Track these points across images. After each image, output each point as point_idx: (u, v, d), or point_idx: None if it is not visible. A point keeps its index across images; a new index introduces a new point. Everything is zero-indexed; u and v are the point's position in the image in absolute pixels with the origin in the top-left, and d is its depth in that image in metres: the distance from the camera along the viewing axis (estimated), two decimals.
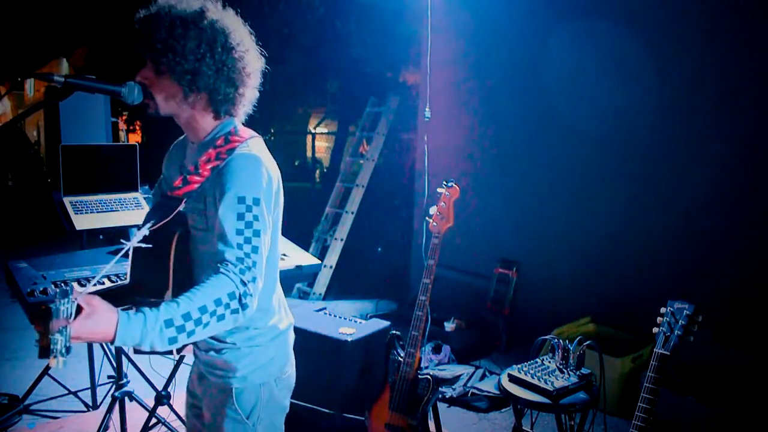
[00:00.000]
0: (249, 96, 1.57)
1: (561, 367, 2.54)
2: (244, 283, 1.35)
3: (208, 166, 1.47)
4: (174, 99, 1.48)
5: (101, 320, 1.21)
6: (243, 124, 1.62)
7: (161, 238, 1.48)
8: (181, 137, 1.74)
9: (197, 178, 1.48)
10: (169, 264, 1.45)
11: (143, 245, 1.45)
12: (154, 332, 1.25)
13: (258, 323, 1.59)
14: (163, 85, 1.46)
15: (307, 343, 2.81)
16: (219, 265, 1.36)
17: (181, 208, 1.47)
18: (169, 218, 1.44)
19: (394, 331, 2.85)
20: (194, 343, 1.58)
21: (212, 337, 1.56)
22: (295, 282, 5.71)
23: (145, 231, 1.42)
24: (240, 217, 1.40)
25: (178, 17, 1.43)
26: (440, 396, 3.57)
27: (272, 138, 11.77)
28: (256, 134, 1.59)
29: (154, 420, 2.92)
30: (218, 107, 1.51)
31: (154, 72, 1.46)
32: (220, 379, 1.60)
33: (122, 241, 1.42)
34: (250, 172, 1.45)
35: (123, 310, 1.25)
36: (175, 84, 1.45)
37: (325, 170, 11.48)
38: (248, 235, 1.40)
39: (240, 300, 1.34)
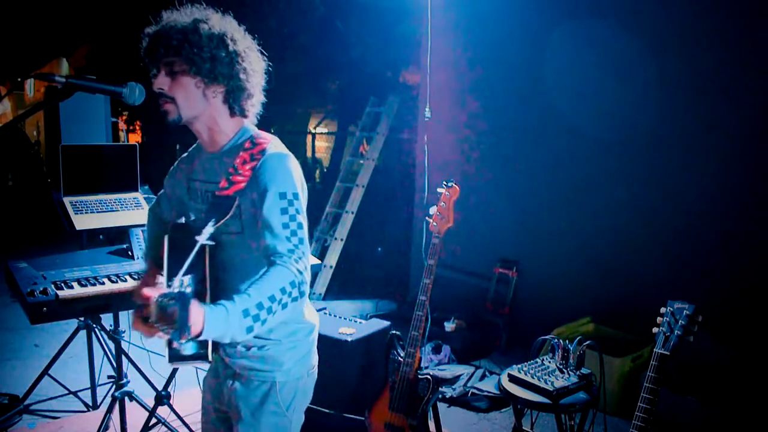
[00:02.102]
0: (258, 96, 1.64)
1: (561, 367, 2.54)
2: (300, 272, 1.44)
3: (247, 167, 1.53)
4: (194, 95, 1.53)
5: (196, 314, 1.27)
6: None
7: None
8: (184, 155, 1.80)
9: (240, 177, 1.53)
10: (204, 271, 1.49)
11: (210, 242, 1.49)
12: (235, 323, 1.33)
13: (299, 318, 1.68)
14: (182, 82, 1.51)
15: None
16: (272, 257, 1.45)
17: (237, 204, 1.52)
18: (229, 215, 1.50)
19: (394, 331, 2.85)
20: (223, 347, 1.63)
21: (255, 335, 1.59)
22: None
23: (210, 229, 1.46)
24: (284, 211, 1.48)
25: (185, 21, 1.51)
26: (440, 396, 3.57)
27: None
28: (273, 136, 1.65)
29: (154, 420, 2.92)
30: (234, 102, 1.57)
31: (169, 73, 1.51)
32: (262, 375, 1.65)
33: (196, 238, 1.44)
34: (286, 170, 1.53)
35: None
36: (193, 78, 1.51)
37: (325, 170, 11.48)
38: (294, 228, 1.48)
39: (299, 288, 1.43)
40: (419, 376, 2.63)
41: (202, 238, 1.44)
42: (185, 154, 1.80)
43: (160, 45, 1.49)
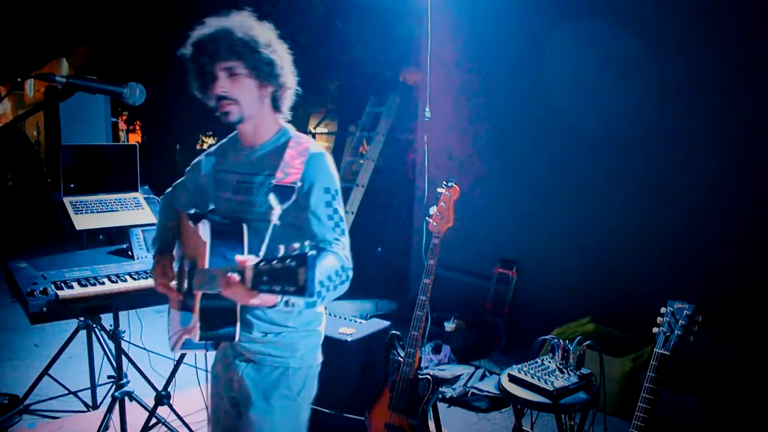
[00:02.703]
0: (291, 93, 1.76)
1: (561, 367, 2.54)
2: (347, 258, 1.60)
3: (296, 162, 1.65)
4: (254, 96, 1.65)
5: None
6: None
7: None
8: (212, 148, 1.89)
9: (293, 170, 1.63)
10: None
11: (278, 223, 1.57)
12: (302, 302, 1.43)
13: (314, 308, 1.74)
14: (243, 85, 1.62)
15: None
16: (321, 244, 1.59)
17: (296, 190, 1.61)
18: (292, 200, 1.58)
19: (394, 331, 2.85)
20: (241, 333, 1.67)
21: (272, 322, 1.71)
22: None
23: (279, 211, 1.55)
24: (328, 204, 1.63)
25: (239, 26, 1.61)
26: (440, 396, 3.57)
27: None
28: (308, 136, 1.78)
29: (154, 420, 2.92)
30: (279, 101, 1.70)
31: (230, 76, 1.61)
32: (277, 361, 1.72)
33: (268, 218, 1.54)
34: (329, 167, 1.68)
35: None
36: (253, 80, 1.63)
37: None
38: (337, 220, 1.64)
39: (347, 273, 1.57)
40: (419, 376, 2.64)
41: (274, 219, 1.53)
42: (214, 148, 1.90)
43: (221, 50, 1.58)
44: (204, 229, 1.57)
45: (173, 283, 1.75)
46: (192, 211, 1.72)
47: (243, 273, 1.30)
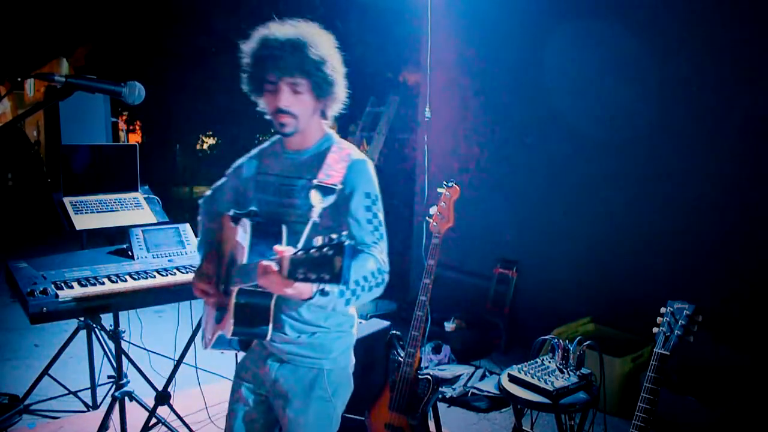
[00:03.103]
0: None
1: (561, 367, 2.54)
2: (384, 262, 1.62)
3: (339, 166, 1.68)
4: (311, 110, 1.68)
5: None
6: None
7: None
8: (253, 152, 1.90)
9: (335, 173, 1.67)
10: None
11: (317, 221, 1.62)
12: (337, 294, 1.49)
13: (346, 309, 1.76)
14: (304, 100, 1.65)
15: None
16: (359, 246, 1.61)
17: (338, 190, 1.64)
18: (332, 200, 1.62)
19: (394, 331, 2.85)
20: (274, 332, 1.68)
21: (306, 322, 1.73)
22: None
23: (319, 209, 1.60)
24: (368, 209, 1.67)
25: (306, 41, 1.62)
26: (440, 396, 3.57)
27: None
28: (350, 143, 1.82)
29: (154, 420, 2.92)
30: (328, 110, 1.74)
31: (294, 92, 1.63)
32: (311, 362, 1.75)
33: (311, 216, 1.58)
34: (370, 173, 1.72)
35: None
36: (313, 97, 1.66)
37: None
38: (376, 224, 1.67)
39: (383, 276, 1.60)
40: (419, 376, 2.64)
41: (315, 215, 1.58)
42: (256, 151, 1.91)
43: (290, 66, 1.59)
44: (244, 229, 1.62)
45: (210, 290, 1.76)
46: (232, 212, 1.75)
47: (280, 262, 1.33)
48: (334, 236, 1.26)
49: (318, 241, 1.27)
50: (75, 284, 2.33)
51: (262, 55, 1.63)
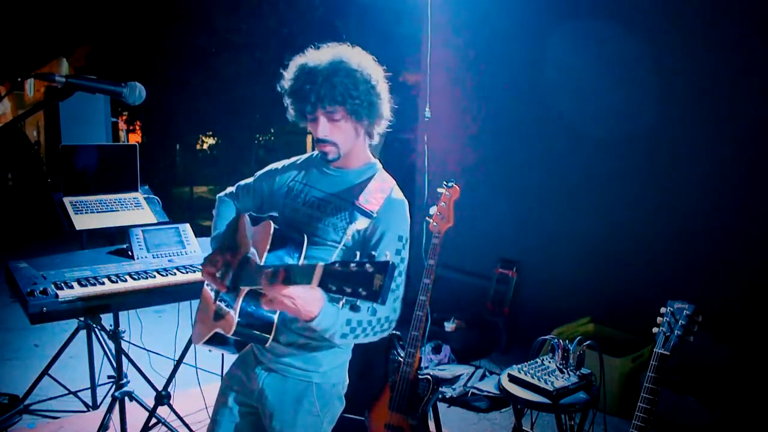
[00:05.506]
0: None
1: (561, 367, 2.54)
2: (395, 311, 1.62)
3: (379, 196, 1.70)
4: (352, 135, 1.69)
5: (317, 298, 1.44)
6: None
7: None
8: (292, 160, 1.90)
9: (374, 201, 1.68)
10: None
11: (349, 243, 1.66)
12: (338, 326, 1.51)
13: (340, 342, 1.72)
14: (342, 127, 1.65)
15: None
16: None
17: (375, 217, 1.66)
18: (366, 224, 1.65)
19: (394, 331, 2.85)
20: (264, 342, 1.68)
21: (299, 333, 1.70)
22: None
23: (353, 230, 1.64)
24: (397, 252, 1.66)
25: (340, 68, 1.61)
26: (440, 396, 3.57)
27: (272, 138, 11.75)
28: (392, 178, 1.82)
29: (154, 420, 2.92)
30: (372, 130, 1.74)
31: (331, 120, 1.63)
32: (300, 374, 1.73)
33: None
34: (407, 216, 1.72)
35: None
36: (353, 122, 1.66)
37: None
38: (401, 270, 1.65)
39: (390, 324, 1.61)
40: (419, 376, 2.64)
41: (348, 236, 1.64)
42: (295, 160, 1.90)
43: (324, 98, 1.58)
44: (265, 230, 1.62)
45: (218, 275, 1.72)
46: (253, 213, 1.76)
47: (313, 270, 1.29)
48: (374, 253, 1.24)
49: (357, 256, 1.25)
50: (75, 284, 2.32)
51: (296, 88, 1.64)
